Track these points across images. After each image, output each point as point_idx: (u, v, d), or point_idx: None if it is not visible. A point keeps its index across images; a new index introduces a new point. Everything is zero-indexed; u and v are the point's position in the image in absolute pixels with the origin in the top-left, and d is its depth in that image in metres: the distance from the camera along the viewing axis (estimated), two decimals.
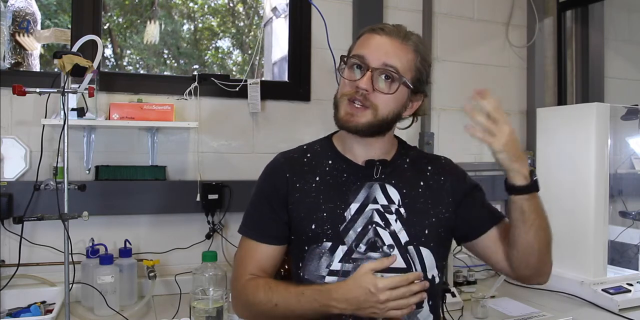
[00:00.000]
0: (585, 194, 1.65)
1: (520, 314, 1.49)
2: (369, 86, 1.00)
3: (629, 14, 2.67)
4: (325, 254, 1.03)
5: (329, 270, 1.03)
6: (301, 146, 1.17)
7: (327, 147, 1.14)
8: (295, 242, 1.09)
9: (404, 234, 1.04)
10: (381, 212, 1.05)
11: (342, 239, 1.03)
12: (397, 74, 1.01)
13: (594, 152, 1.63)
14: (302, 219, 1.06)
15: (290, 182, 1.08)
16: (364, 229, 1.03)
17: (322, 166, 1.10)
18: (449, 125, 2.20)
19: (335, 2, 2.00)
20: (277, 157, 1.16)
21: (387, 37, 1.03)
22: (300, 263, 1.07)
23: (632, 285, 1.61)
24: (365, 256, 1.03)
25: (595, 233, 1.63)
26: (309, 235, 1.05)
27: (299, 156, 1.13)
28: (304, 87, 1.95)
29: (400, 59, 1.02)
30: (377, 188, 1.07)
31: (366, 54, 1.02)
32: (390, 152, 1.13)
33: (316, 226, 1.04)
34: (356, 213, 1.04)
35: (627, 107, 1.82)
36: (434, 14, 2.16)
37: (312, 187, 1.07)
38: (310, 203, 1.06)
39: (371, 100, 1.02)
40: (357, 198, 1.05)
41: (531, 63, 2.36)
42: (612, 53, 2.53)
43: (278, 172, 1.11)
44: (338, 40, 1.93)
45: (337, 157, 1.11)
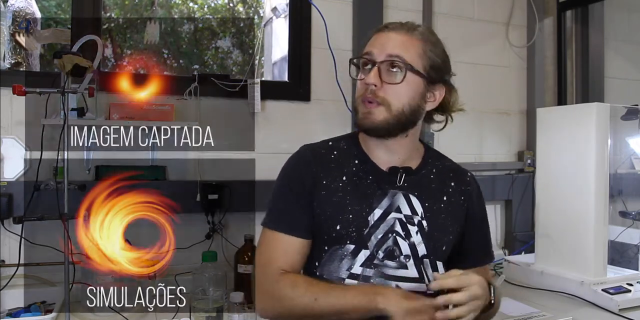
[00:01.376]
0: (585, 194, 1.64)
1: (520, 314, 1.49)
2: (376, 80, 0.98)
3: (629, 14, 2.67)
4: (347, 257, 1.01)
5: (349, 273, 1.01)
6: (325, 141, 1.13)
7: (353, 145, 1.10)
8: (314, 241, 1.05)
9: (423, 248, 1.03)
10: (403, 222, 1.03)
11: (365, 243, 1.01)
12: (402, 62, 0.99)
13: (594, 152, 1.63)
14: (328, 218, 1.02)
15: (317, 178, 1.04)
16: (384, 236, 1.02)
17: (349, 165, 1.06)
18: (449, 125, 2.19)
19: (335, 2, 2.00)
20: (303, 150, 1.10)
21: (392, 32, 1.01)
22: (317, 262, 1.04)
23: (632, 285, 1.61)
24: (383, 264, 1.02)
25: (595, 233, 1.63)
26: (333, 236, 1.02)
27: (326, 152, 1.08)
28: (304, 87, 1.95)
29: (407, 49, 1.00)
30: (401, 197, 1.04)
31: (372, 50, 1.01)
32: (414, 159, 1.10)
33: (341, 227, 1.01)
34: (379, 219, 1.02)
35: (627, 107, 1.82)
36: (434, 14, 2.16)
37: (339, 186, 1.04)
38: (337, 203, 1.02)
39: (381, 95, 0.99)
40: (381, 204, 1.03)
41: (531, 63, 2.36)
42: (612, 53, 2.53)
43: (306, 165, 1.06)
44: (338, 40, 1.93)
45: (364, 158, 1.08)
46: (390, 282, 1.01)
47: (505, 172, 2.29)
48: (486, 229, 1.18)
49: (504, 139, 2.33)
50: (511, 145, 2.35)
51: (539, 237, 1.82)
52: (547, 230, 1.78)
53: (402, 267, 1.02)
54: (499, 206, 2.30)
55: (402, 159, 1.07)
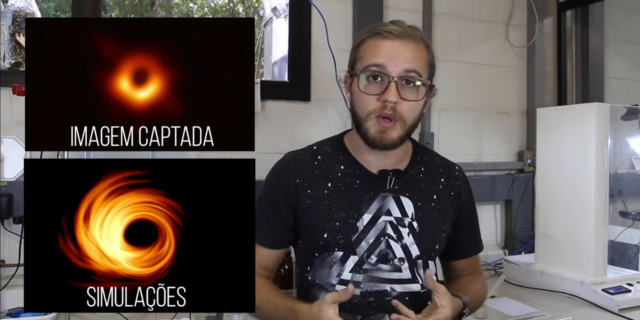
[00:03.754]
0: (585, 194, 1.65)
1: (520, 314, 1.49)
2: (397, 97, 0.96)
3: (629, 14, 2.67)
4: (336, 263, 1.02)
5: (339, 279, 1.02)
6: (310, 146, 1.12)
7: (339, 149, 1.10)
8: (304, 248, 1.08)
9: (416, 248, 1.04)
10: (394, 224, 1.03)
11: (353, 249, 1.02)
12: (421, 78, 0.98)
13: (594, 152, 1.63)
14: (314, 227, 1.03)
15: (300, 188, 1.04)
16: (376, 240, 1.02)
17: (334, 171, 1.06)
18: (449, 125, 2.20)
19: (335, 2, 2.00)
20: (286, 159, 1.10)
21: (398, 41, 0.98)
22: (309, 267, 1.06)
23: (632, 285, 1.61)
24: (376, 268, 1.02)
25: (595, 233, 1.63)
26: (320, 244, 1.03)
27: (309, 159, 1.08)
28: (304, 87, 1.95)
29: (419, 62, 0.99)
30: (391, 200, 1.04)
31: (384, 62, 0.97)
32: (404, 160, 1.10)
33: (328, 235, 1.02)
34: (368, 224, 1.02)
35: (627, 107, 1.82)
36: (434, 14, 2.16)
37: (324, 194, 1.04)
38: (323, 211, 1.03)
39: (399, 112, 0.97)
40: (369, 209, 1.03)
41: (531, 63, 2.36)
42: (612, 53, 2.53)
43: (288, 176, 1.06)
44: (338, 40, 1.93)
45: (350, 163, 1.07)
46: (385, 285, 1.02)
47: (505, 172, 2.29)
48: (475, 221, 1.20)
49: (504, 139, 2.33)
50: (511, 145, 2.35)
51: (539, 237, 1.82)
52: (547, 230, 1.78)
53: (396, 270, 1.03)
54: (499, 206, 2.30)
55: (393, 162, 1.07)
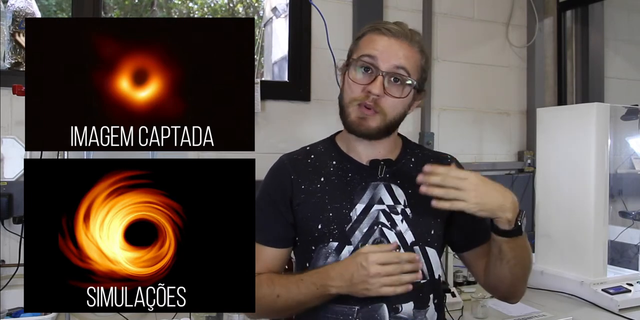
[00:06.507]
0: (585, 194, 1.65)
1: (520, 314, 1.49)
2: (381, 91, 0.99)
3: (629, 14, 2.67)
4: (331, 254, 1.03)
5: None
6: (304, 148, 1.17)
7: (331, 147, 1.14)
8: (301, 243, 1.09)
9: (410, 235, 1.05)
10: (387, 212, 1.05)
11: (348, 239, 1.03)
12: (409, 78, 1.01)
13: (594, 152, 1.63)
14: (309, 219, 1.05)
15: (295, 184, 1.08)
16: (370, 229, 1.03)
17: (327, 167, 1.10)
18: (449, 125, 2.20)
19: (335, 2, 2.00)
20: (281, 159, 1.15)
21: (395, 38, 1.02)
22: (307, 263, 1.07)
23: (632, 285, 1.61)
24: None
25: (595, 233, 1.63)
26: (315, 235, 1.05)
27: (302, 158, 1.13)
28: (304, 87, 1.95)
29: (410, 62, 1.02)
30: (383, 188, 1.06)
31: (376, 55, 1.01)
32: (394, 151, 1.13)
33: (322, 226, 1.04)
34: (362, 213, 1.04)
35: (627, 107, 1.82)
36: (434, 14, 2.16)
37: (317, 188, 1.07)
38: (316, 203, 1.06)
39: (381, 105, 1.01)
40: (362, 199, 1.05)
41: (531, 63, 2.36)
42: (612, 53, 2.54)
43: (283, 174, 1.10)
44: (338, 40, 1.93)
45: (341, 157, 1.11)
46: None
47: (505, 172, 2.29)
48: None
49: (504, 139, 2.33)
50: (511, 145, 2.35)
51: (539, 237, 1.82)
52: (547, 230, 1.78)
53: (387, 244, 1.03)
54: None
55: (382, 153, 1.10)
